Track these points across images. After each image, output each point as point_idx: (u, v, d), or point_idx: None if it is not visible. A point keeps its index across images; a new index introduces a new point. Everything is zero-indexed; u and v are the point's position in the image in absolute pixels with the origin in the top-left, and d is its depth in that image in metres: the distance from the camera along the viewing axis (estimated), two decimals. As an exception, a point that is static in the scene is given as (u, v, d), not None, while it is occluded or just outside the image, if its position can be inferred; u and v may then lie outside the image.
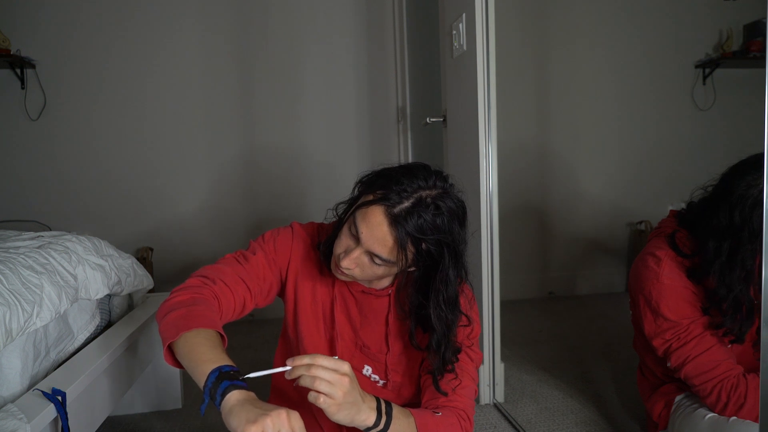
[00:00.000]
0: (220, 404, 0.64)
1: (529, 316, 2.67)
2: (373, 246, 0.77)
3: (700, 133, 3.07)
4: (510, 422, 1.58)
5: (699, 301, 1.10)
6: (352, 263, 0.80)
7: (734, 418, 1.04)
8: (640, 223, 2.99)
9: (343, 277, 0.85)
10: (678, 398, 1.19)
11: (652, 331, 1.14)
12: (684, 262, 1.12)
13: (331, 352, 0.94)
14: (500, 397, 1.71)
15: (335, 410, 0.67)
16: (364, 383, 0.94)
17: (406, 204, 0.75)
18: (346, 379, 0.67)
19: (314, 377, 0.65)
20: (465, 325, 0.91)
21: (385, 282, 0.92)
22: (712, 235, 1.06)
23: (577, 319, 2.61)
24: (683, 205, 1.26)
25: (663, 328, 1.12)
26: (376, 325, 0.93)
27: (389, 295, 0.92)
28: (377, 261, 0.79)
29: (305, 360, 0.66)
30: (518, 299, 2.93)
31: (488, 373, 1.71)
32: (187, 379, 1.88)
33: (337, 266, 0.83)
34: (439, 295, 0.82)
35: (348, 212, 0.82)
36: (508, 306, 1.77)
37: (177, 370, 1.71)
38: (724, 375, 1.05)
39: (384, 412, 0.73)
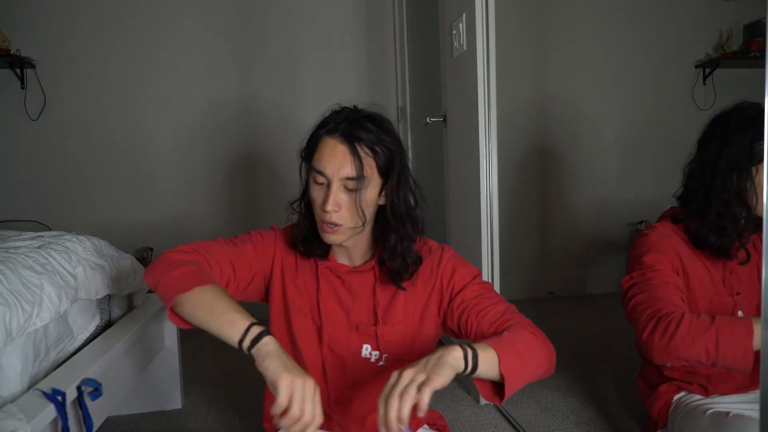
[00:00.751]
0: (250, 349, 0.70)
1: (529, 316, 2.65)
2: (340, 170, 0.82)
3: (700, 133, 3.07)
4: (510, 422, 1.58)
5: (681, 270, 1.09)
6: (334, 204, 0.83)
7: (734, 413, 1.02)
8: (640, 223, 2.99)
9: (333, 237, 0.86)
10: (677, 397, 1.19)
11: (627, 271, 1.13)
12: (679, 228, 1.13)
13: (320, 340, 0.95)
14: (500, 397, 1.71)
15: (436, 381, 0.66)
16: (364, 365, 0.94)
17: (345, 123, 0.84)
18: (411, 373, 0.67)
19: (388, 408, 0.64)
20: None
21: (367, 251, 0.94)
22: (694, 175, 1.12)
23: (577, 319, 2.61)
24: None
25: (633, 268, 1.10)
26: (366, 300, 0.94)
27: (373, 268, 0.94)
28: (350, 186, 0.83)
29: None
30: (518, 299, 2.93)
31: (488, 373, 1.71)
32: (187, 379, 1.88)
33: (324, 223, 0.85)
34: (398, 191, 0.87)
35: (307, 172, 0.88)
36: (508, 306, 1.77)
37: (177, 370, 1.71)
38: (665, 308, 0.98)
39: (470, 357, 0.72)
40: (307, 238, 0.92)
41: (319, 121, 0.89)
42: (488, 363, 0.73)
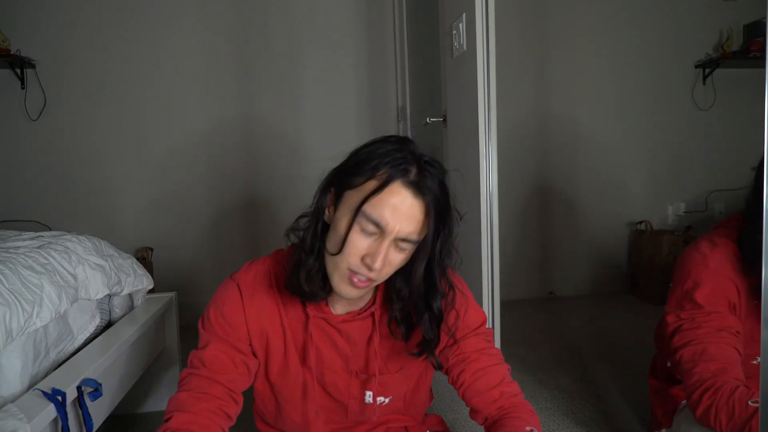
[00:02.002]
0: None
1: (529, 316, 2.67)
2: (402, 227, 0.69)
3: (700, 133, 3.08)
4: (510, 422, 1.58)
5: (738, 305, 0.99)
6: (382, 261, 0.70)
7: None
8: (640, 223, 2.99)
9: (354, 293, 0.75)
10: (683, 402, 1.18)
11: (674, 304, 1.04)
12: (741, 248, 0.99)
13: (304, 395, 0.87)
14: (500, 397, 1.71)
15: None
16: (368, 407, 0.90)
17: (415, 169, 0.70)
18: None
19: None
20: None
21: (368, 297, 0.86)
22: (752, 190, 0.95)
23: (577, 319, 2.61)
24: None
25: (684, 308, 1.02)
26: (364, 348, 0.87)
27: (372, 314, 0.85)
28: (402, 245, 0.72)
29: None
30: (518, 299, 2.93)
31: (488, 373, 1.71)
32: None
33: (354, 275, 0.73)
34: (443, 258, 0.76)
35: (352, 216, 0.71)
36: (508, 306, 1.77)
37: (177, 370, 1.71)
38: (715, 375, 0.93)
39: None
40: (312, 280, 0.77)
41: (376, 149, 0.73)
42: None
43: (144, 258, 2.59)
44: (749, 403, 0.88)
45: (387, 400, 0.91)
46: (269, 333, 0.84)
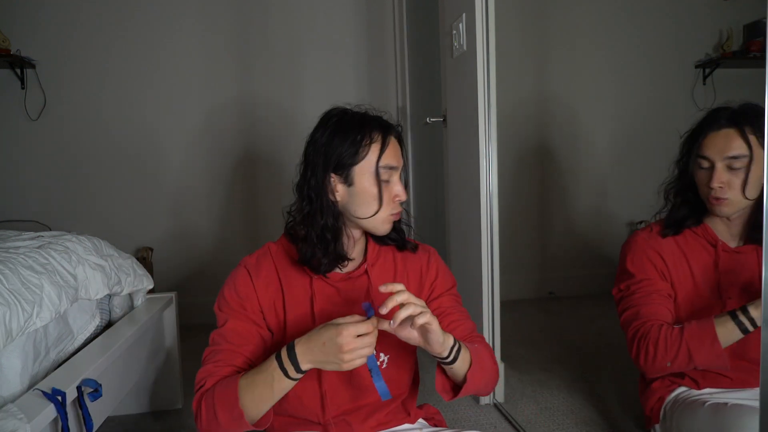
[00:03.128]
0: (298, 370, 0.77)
1: (529, 316, 2.67)
2: (401, 163, 0.90)
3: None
4: (510, 422, 1.58)
5: (664, 268, 1.16)
6: (404, 192, 0.89)
7: (733, 403, 1.04)
8: (640, 223, 2.98)
9: (386, 227, 0.90)
10: (674, 393, 1.20)
11: (615, 282, 1.22)
12: (662, 224, 1.20)
13: None
14: (500, 397, 1.71)
15: (435, 324, 0.76)
16: (364, 369, 0.91)
17: (381, 119, 0.91)
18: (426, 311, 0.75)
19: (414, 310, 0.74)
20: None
21: (360, 258, 0.97)
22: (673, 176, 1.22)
23: (577, 319, 2.61)
24: None
25: (621, 279, 1.20)
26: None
27: (366, 272, 0.95)
28: (400, 173, 0.90)
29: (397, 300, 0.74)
30: (518, 299, 2.93)
31: (488, 373, 1.71)
32: (187, 379, 1.88)
33: (391, 218, 0.90)
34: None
35: (374, 177, 0.87)
36: (508, 306, 1.77)
37: (177, 370, 1.71)
38: (643, 328, 1.09)
39: (455, 350, 0.82)
40: (331, 247, 0.88)
41: (348, 125, 0.90)
42: (463, 363, 0.83)
43: (144, 258, 2.59)
44: (674, 326, 1.06)
45: (386, 361, 0.95)
46: (276, 305, 0.92)
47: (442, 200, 2.12)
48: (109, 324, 1.42)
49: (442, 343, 0.79)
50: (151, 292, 1.67)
